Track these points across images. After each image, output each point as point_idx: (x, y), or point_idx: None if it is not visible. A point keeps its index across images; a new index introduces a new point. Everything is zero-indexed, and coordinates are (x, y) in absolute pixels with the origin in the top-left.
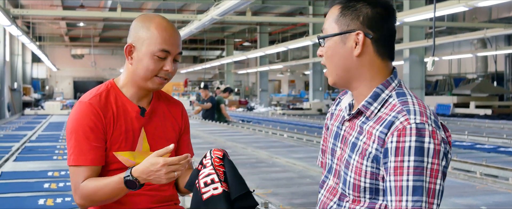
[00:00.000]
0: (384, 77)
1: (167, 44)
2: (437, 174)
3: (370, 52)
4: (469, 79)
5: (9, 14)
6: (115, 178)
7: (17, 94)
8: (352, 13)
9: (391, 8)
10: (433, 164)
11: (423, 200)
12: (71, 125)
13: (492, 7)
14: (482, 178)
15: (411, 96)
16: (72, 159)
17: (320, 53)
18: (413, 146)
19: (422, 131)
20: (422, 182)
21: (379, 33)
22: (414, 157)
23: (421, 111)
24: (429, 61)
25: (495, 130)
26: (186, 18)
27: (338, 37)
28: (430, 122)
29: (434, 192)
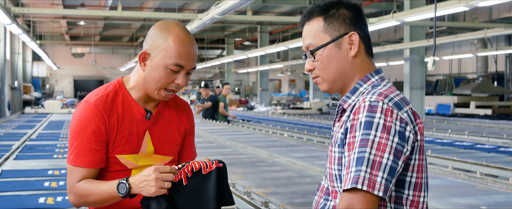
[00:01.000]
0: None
1: (183, 59)
2: (384, 148)
3: (362, 51)
4: (469, 79)
5: (10, 13)
6: (110, 183)
7: (17, 93)
8: (338, 19)
9: (361, 8)
10: (380, 138)
11: (363, 169)
12: (74, 125)
13: (492, 7)
14: (482, 178)
15: (383, 86)
16: (71, 159)
17: (311, 67)
18: (363, 121)
19: (374, 108)
20: (365, 152)
21: (363, 31)
22: (362, 131)
23: (381, 92)
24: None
25: (495, 130)
26: (187, 17)
27: (332, 45)
28: (386, 100)
29: (379, 165)
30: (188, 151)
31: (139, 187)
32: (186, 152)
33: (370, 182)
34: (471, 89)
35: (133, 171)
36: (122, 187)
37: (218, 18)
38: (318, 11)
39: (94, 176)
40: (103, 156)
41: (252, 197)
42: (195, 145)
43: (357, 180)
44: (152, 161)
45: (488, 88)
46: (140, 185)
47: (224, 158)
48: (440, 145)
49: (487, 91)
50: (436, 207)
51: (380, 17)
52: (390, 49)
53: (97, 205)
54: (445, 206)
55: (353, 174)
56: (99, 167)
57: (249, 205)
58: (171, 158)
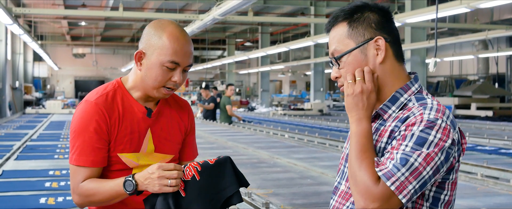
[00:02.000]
0: (403, 81)
1: (178, 56)
2: (430, 161)
3: (390, 56)
4: (470, 81)
5: (11, 13)
6: (115, 181)
7: (18, 93)
8: (363, 23)
9: (389, 11)
10: (431, 151)
11: (402, 171)
12: (76, 125)
13: (493, 8)
14: (483, 179)
15: (431, 99)
16: (73, 159)
17: (337, 74)
18: (416, 134)
19: (432, 124)
20: (410, 157)
21: (392, 35)
22: (413, 144)
23: (438, 108)
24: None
25: (496, 132)
26: (188, 18)
27: (357, 51)
28: (445, 118)
29: (418, 174)
30: (189, 149)
31: (144, 184)
32: (187, 150)
33: (401, 185)
34: (472, 90)
35: (134, 170)
36: (129, 184)
37: (219, 18)
38: (343, 15)
39: (97, 175)
40: (105, 155)
41: (253, 198)
42: (196, 144)
43: (390, 177)
44: (153, 159)
45: (489, 90)
46: (144, 182)
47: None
48: None
49: (488, 93)
50: None
51: None
52: None
53: (102, 204)
54: None
55: (390, 168)
56: (102, 166)
57: (250, 206)
58: (172, 156)
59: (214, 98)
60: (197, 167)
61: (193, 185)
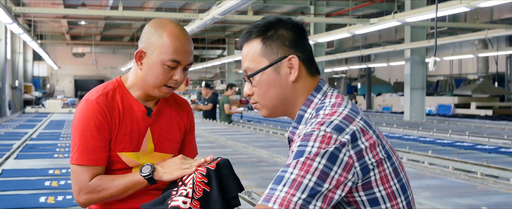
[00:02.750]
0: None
1: (179, 54)
2: (308, 169)
3: (303, 73)
4: (470, 80)
5: (11, 12)
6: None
7: (18, 92)
8: (276, 41)
9: (302, 25)
10: (306, 159)
11: (279, 188)
12: (77, 123)
13: (493, 7)
14: (483, 178)
15: (325, 108)
16: (75, 158)
17: (249, 92)
18: (294, 152)
19: (308, 137)
20: (285, 172)
21: (305, 52)
22: (292, 160)
23: (319, 120)
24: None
25: (496, 131)
26: (188, 17)
27: (270, 69)
28: (323, 127)
29: (299, 184)
30: (189, 148)
31: (162, 172)
32: (187, 149)
33: (283, 201)
34: (472, 89)
35: (134, 169)
36: (146, 167)
37: (219, 18)
38: (256, 32)
39: (101, 174)
40: (107, 153)
41: (253, 197)
42: (196, 143)
43: (270, 198)
44: (152, 159)
45: (488, 89)
46: (163, 168)
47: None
48: (440, 146)
49: (488, 92)
50: (437, 207)
51: (381, 17)
52: (391, 49)
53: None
54: (446, 206)
55: (267, 192)
56: (104, 164)
57: (250, 205)
58: (172, 155)
59: (213, 98)
60: (204, 181)
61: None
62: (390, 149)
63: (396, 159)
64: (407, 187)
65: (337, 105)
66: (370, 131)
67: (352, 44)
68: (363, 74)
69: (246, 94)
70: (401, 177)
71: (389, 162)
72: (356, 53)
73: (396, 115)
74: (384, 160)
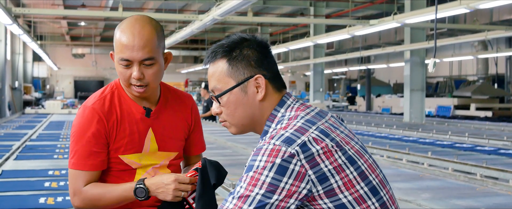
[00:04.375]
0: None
1: (125, 53)
2: (255, 183)
3: (270, 91)
4: (469, 81)
5: (11, 13)
6: (123, 186)
7: (17, 93)
8: (242, 61)
9: (266, 43)
10: (254, 173)
11: (229, 200)
12: (74, 130)
13: (493, 9)
14: (482, 180)
15: (282, 122)
16: (72, 163)
17: (218, 110)
18: (246, 166)
19: (258, 151)
20: (236, 187)
21: (271, 70)
22: (244, 174)
23: (271, 134)
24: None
25: (496, 132)
26: (187, 18)
27: (237, 89)
28: (273, 141)
29: (246, 198)
30: (196, 144)
31: (156, 191)
32: (194, 145)
33: None
34: (472, 91)
35: (138, 171)
36: (141, 191)
37: (218, 19)
38: (222, 52)
39: (97, 179)
40: (104, 158)
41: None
42: (203, 138)
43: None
44: (156, 158)
45: (488, 90)
46: (157, 190)
47: (225, 159)
48: (440, 147)
49: (488, 93)
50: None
51: (381, 19)
52: (391, 51)
53: (106, 207)
54: (445, 207)
55: (220, 204)
56: (101, 169)
57: None
58: (176, 153)
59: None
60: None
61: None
62: (357, 153)
63: (363, 162)
64: (380, 188)
65: (294, 118)
66: (327, 139)
67: (352, 45)
68: (362, 75)
69: (215, 113)
70: (370, 180)
71: (353, 167)
72: (355, 54)
73: (395, 116)
74: (345, 166)
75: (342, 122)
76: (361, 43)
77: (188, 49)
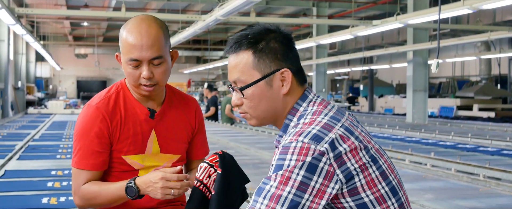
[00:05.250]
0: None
1: (133, 53)
2: (287, 181)
3: (294, 85)
4: (472, 82)
5: (14, 13)
6: (116, 185)
7: (20, 93)
8: (268, 54)
9: (291, 35)
10: (285, 171)
11: (260, 201)
12: (77, 129)
13: (496, 9)
14: (485, 180)
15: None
16: (74, 162)
17: (239, 102)
18: (274, 165)
19: (286, 149)
20: (266, 185)
21: (295, 63)
22: (272, 172)
23: (297, 131)
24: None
25: (499, 133)
26: (190, 18)
27: (262, 82)
28: (301, 138)
29: (278, 197)
30: (199, 147)
31: (146, 190)
32: (197, 149)
33: None
34: (474, 91)
35: (140, 172)
36: (131, 190)
37: (221, 19)
38: (247, 43)
39: (98, 178)
40: (106, 158)
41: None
42: (206, 141)
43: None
44: (159, 160)
45: (491, 91)
46: (147, 188)
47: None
48: (443, 148)
49: (490, 94)
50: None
51: (384, 19)
52: (393, 51)
53: (104, 206)
54: (448, 208)
55: (250, 204)
56: (102, 169)
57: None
58: (179, 156)
59: (214, 101)
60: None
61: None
62: (377, 152)
63: (384, 162)
64: (398, 189)
65: (318, 113)
66: (352, 137)
67: (355, 45)
68: (365, 75)
69: (235, 104)
70: (390, 180)
71: (375, 166)
72: (358, 54)
73: (398, 117)
74: (368, 165)
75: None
76: (363, 44)
77: (191, 49)
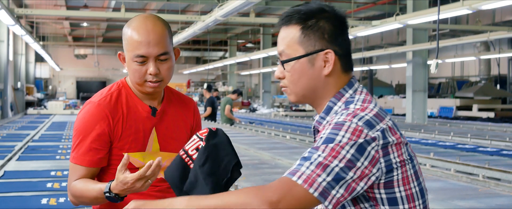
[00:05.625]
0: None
1: (141, 49)
2: (336, 155)
3: (337, 68)
4: (472, 82)
5: (13, 14)
6: (97, 187)
7: (20, 94)
8: (315, 32)
9: (346, 19)
10: (336, 145)
11: (306, 165)
12: (78, 125)
13: (495, 10)
14: (484, 180)
15: (355, 103)
16: (72, 157)
17: (281, 75)
18: (324, 137)
19: (340, 126)
20: (313, 154)
21: (343, 48)
22: (321, 144)
23: (349, 113)
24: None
25: (498, 133)
26: (190, 19)
27: (305, 59)
28: (355, 120)
29: (325, 167)
30: None
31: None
32: None
33: (308, 178)
34: (474, 92)
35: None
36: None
37: (221, 20)
38: (297, 18)
39: (93, 176)
40: (104, 156)
41: None
42: None
43: (295, 173)
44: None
45: (490, 91)
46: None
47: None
48: (442, 148)
49: (490, 94)
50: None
51: (383, 19)
52: (393, 51)
53: (93, 204)
54: (448, 208)
55: (294, 167)
56: (99, 166)
57: None
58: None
59: (211, 101)
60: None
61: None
62: (412, 152)
63: (416, 163)
64: (425, 192)
65: (367, 101)
66: (398, 132)
67: (354, 46)
68: (365, 76)
69: (277, 76)
70: (420, 181)
71: (411, 164)
72: (358, 55)
73: (398, 117)
74: (407, 162)
75: None
76: (363, 44)
77: (191, 49)
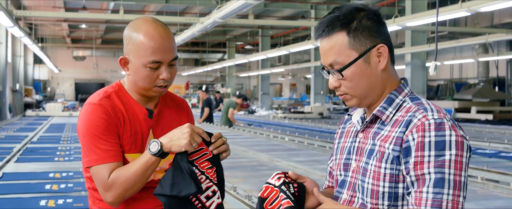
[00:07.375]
0: (396, 83)
1: (157, 55)
2: (461, 166)
3: (388, 60)
4: (470, 84)
5: (12, 16)
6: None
7: (18, 96)
8: (363, 32)
9: (380, 12)
10: (456, 156)
11: (445, 192)
12: (84, 127)
13: (494, 12)
14: (483, 183)
15: (425, 100)
16: (91, 160)
17: (337, 84)
18: (433, 141)
19: (442, 125)
20: (444, 174)
21: (388, 38)
22: (435, 151)
23: (437, 109)
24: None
25: (496, 135)
26: (188, 21)
27: (360, 60)
28: (448, 117)
29: (459, 184)
30: None
31: (170, 142)
32: None
33: (454, 205)
34: (472, 94)
35: None
36: (154, 145)
37: (219, 22)
38: (340, 25)
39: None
40: (119, 149)
41: (253, 201)
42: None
43: (440, 204)
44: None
45: (489, 93)
46: (171, 141)
47: (225, 162)
48: None
49: (488, 96)
50: None
51: None
52: None
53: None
54: None
55: (432, 196)
56: (121, 160)
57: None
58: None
59: (208, 102)
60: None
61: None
62: None
63: None
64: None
65: (433, 104)
66: None
67: None
68: None
69: (333, 86)
70: None
71: None
72: None
73: None
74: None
75: None
76: None
77: (189, 51)
